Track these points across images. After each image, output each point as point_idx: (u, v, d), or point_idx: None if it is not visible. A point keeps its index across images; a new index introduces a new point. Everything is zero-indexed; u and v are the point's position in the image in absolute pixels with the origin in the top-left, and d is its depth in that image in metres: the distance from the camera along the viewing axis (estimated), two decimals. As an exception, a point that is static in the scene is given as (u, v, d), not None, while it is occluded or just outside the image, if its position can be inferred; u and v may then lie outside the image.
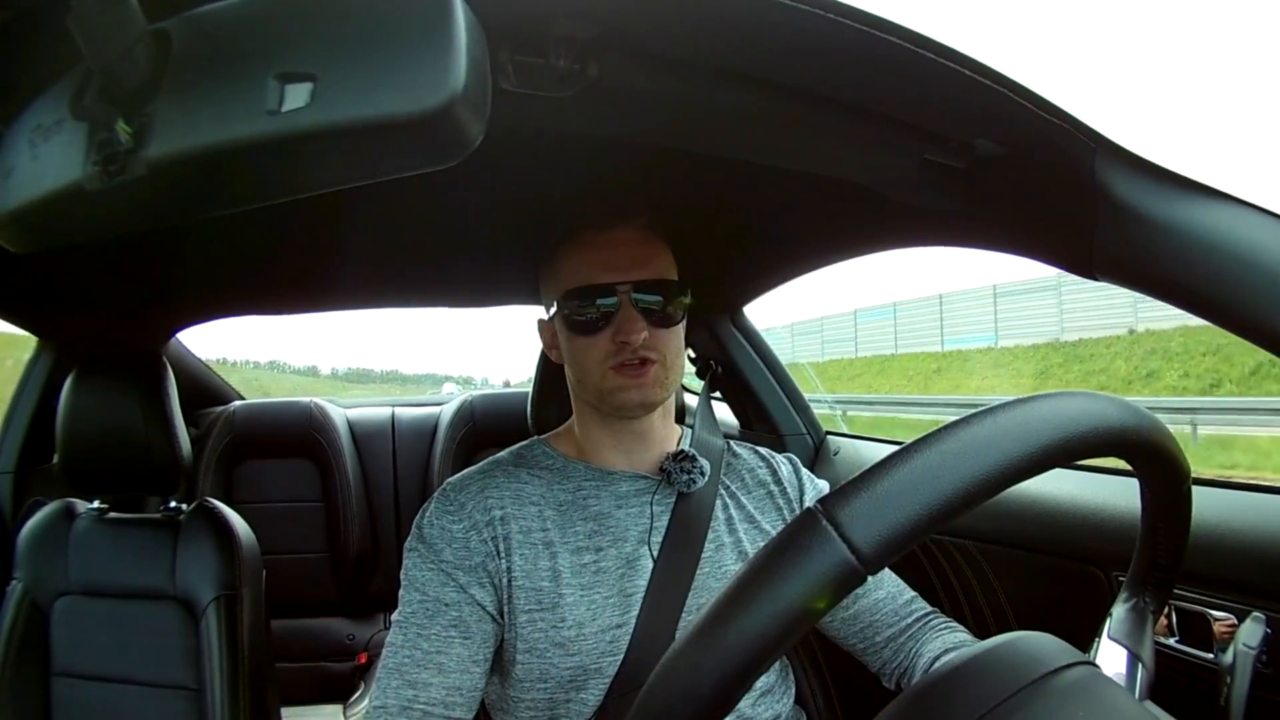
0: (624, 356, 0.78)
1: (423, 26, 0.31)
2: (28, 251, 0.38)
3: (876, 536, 0.33)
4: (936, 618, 0.85)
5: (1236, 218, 0.56)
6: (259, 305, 1.64)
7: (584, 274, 0.79)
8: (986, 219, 0.77)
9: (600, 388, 0.80)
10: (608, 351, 0.78)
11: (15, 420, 1.48)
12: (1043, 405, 0.39)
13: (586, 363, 0.80)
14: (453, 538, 0.77)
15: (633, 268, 0.79)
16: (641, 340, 0.77)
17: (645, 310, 0.78)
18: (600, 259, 0.79)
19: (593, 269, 0.79)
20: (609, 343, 0.78)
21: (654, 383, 0.79)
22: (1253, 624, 0.62)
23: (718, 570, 0.82)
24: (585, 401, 0.84)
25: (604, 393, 0.80)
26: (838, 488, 0.36)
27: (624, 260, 0.79)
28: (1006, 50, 0.52)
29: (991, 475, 0.35)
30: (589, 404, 0.84)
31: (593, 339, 0.79)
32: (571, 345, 0.81)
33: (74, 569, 1.13)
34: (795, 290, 1.38)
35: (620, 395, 0.79)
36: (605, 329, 0.78)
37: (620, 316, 0.78)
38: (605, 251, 0.79)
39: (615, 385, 0.79)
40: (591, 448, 0.85)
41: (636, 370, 0.78)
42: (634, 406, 0.79)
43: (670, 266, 0.83)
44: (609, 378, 0.79)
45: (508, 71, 0.52)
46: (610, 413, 0.82)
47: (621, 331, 0.77)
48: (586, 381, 0.81)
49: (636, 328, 0.77)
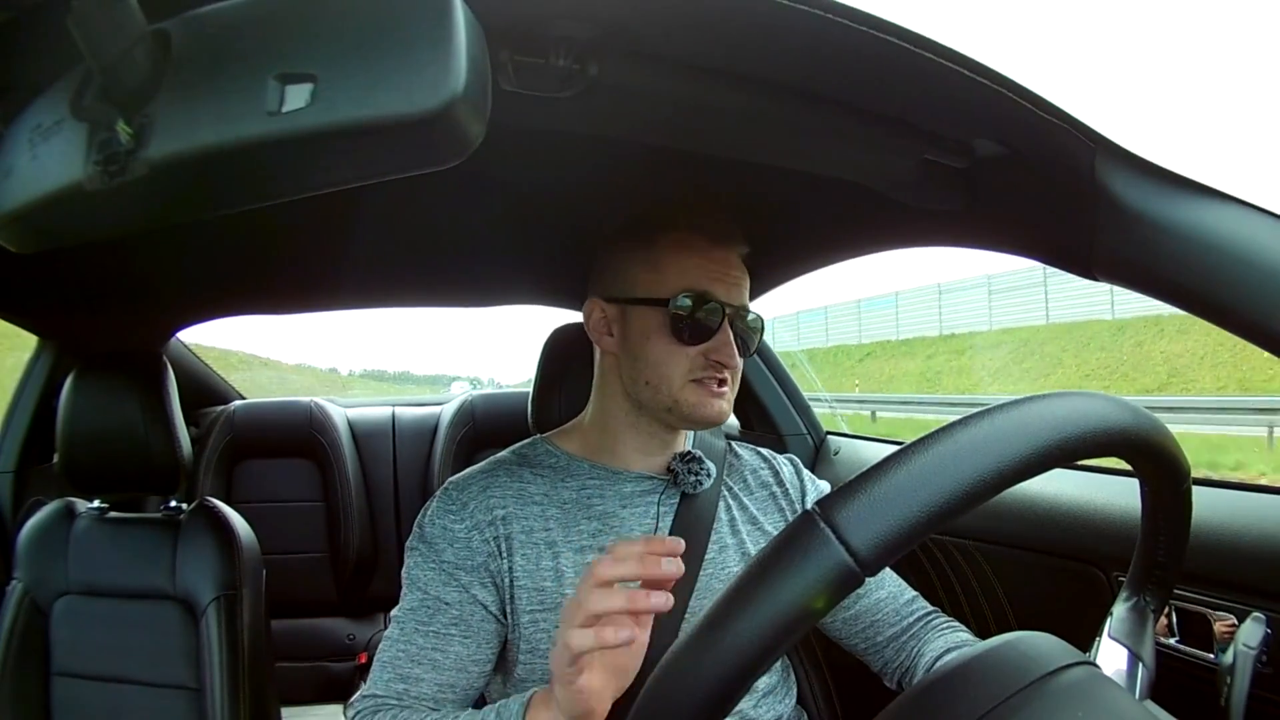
0: (710, 373, 0.78)
1: (423, 27, 0.31)
2: (28, 251, 0.38)
3: (874, 539, 0.33)
4: (938, 617, 0.85)
5: (1236, 218, 0.56)
6: (259, 305, 1.64)
7: (700, 281, 0.78)
8: (986, 219, 0.77)
9: (676, 398, 0.79)
10: (695, 365, 0.78)
11: (15, 420, 1.49)
12: (1041, 406, 0.38)
13: (668, 370, 0.79)
14: (454, 537, 0.77)
15: (738, 291, 0.80)
16: (735, 363, 0.79)
17: (738, 334, 0.80)
18: (717, 273, 0.79)
19: (710, 280, 0.79)
20: (701, 356, 0.78)
21: (727, 403, 0.80)
22: (1253, 624, 0.62)
23: (720, 572, 0.82)
24: (635, 401, 0.82)
25: (679, 403, 0.79)
26: (835, 490, 0.36)
27: (734, 280, 0.80)
28: (1006, 50, 0.52)
29: (989, 476, 0.35)
30: (639, 405, 0.82)
31: (686, 348, 0.78)
32: (656, 346, 0.79)
33: (74, 569, 1.13)
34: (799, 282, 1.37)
35: (699, 410, 0.78)
36: (701, 344, 0.78)
37: (720, 337, 0.78)
38: (721, 266, 0.80)
39: (695, 399, 0.78)
40: (607, 445, 0.84)
41: (718, 388, 0.79)
42: (713, 418, 0.80)
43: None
44: (689, 390, 0.78)
45: (508, 72, 0.52)
46: (674, 421, 0.81)
47: (720, 353, 0.78)
48: (660, 386, 0.79)
49: (733, 351, 0.78)
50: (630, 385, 0.81)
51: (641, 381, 0.80)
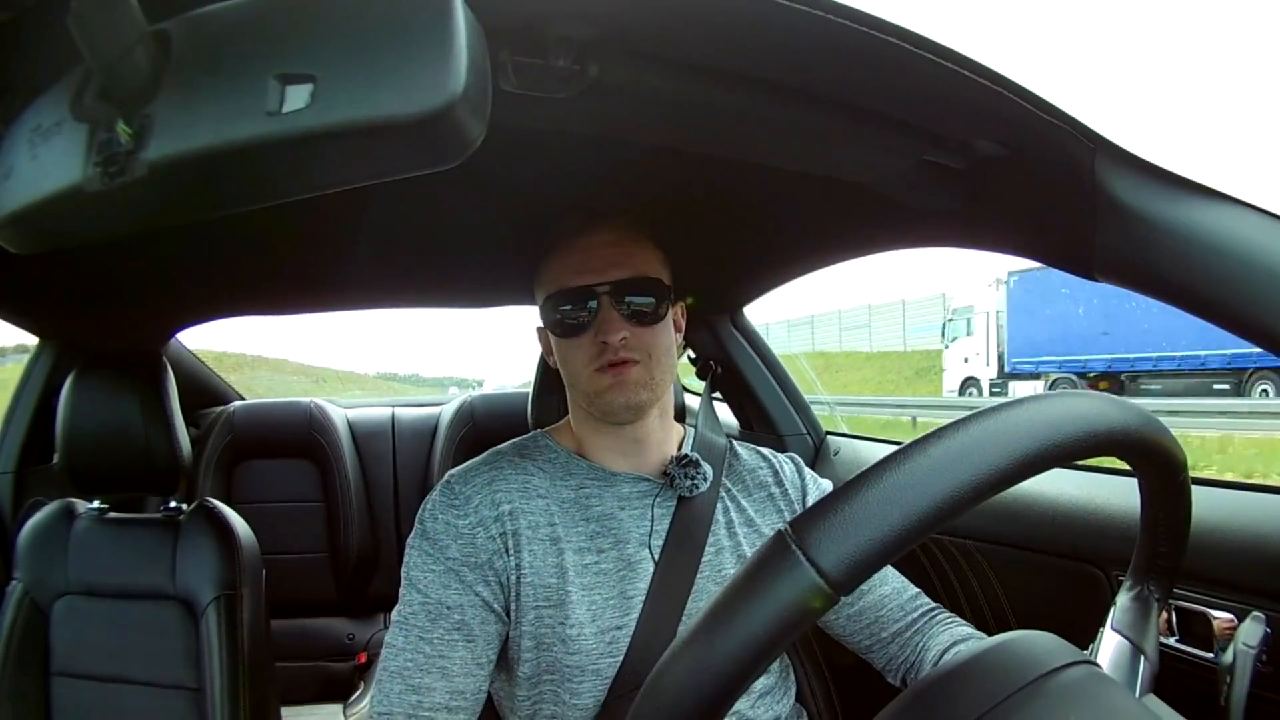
0: (606, 357, 0.78)
1: (423, 27, 0.31)
2: (28, 252, 0.38)
3: (845, 559, 0.34)
4: (941, 612, 0.85)
5: (1236, 218, 0.56)
6: (259, 305, 1.64)
7: (562, 278, 0.80)
8: (986, 219, 0.77)
9: (587, 390, 0.80)
10: (591, 354, 0.79)
11: (15, 420, 1.49)
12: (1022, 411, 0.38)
13: (574, 365, 0.81)
14: (459, 533, 0.76)
15: (610, 268, 0.79)
16: (621, 340, 0.77)
17: (625, 310, 0.79)
18: (577, 262, 0.80)
19: (570, 273, 0.80)
20: (591, 344, 0.79)
21: (636, 383, 0.79)
22: (1253, 624, 0.62)
23: (717, 574, 0.82)
24: (580, 406, 0.85)
25: (591, 395, 0.80)
26: (807, 509, 0.36)
27: (600, 261, 0.79)
28: (1006, 50, 0.52)
29: (964, 491, 0.35)
30: (583, 408, 0.84)
31: (576, 341, 0.80)
32: (558, 349, 0.82)
33: (74, 569, 1.13)
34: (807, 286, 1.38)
35: (606, 397, 0.79)
36: (587, 331, 0.79)
37: (600, 318, 0.78)
38: (581, 255, 0.80)
39: (600, 386, 0.79)
40: (591, 448, 0.85)
41: (618, 371, 0.78)
42: (620, 409, 0.79)
43: (653, 264, 0.83)
44: (594, 379, 0.79)
45: (508, 72, 0.52)
46: (601, 417, 0.82)
47: (601, 332, 0.78)
48: (576, 384, 0.82)
49: (615, 328, 0.77)
50: (570, 393, 0.85)
51: (570, 386, 0.84)
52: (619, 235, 0.82)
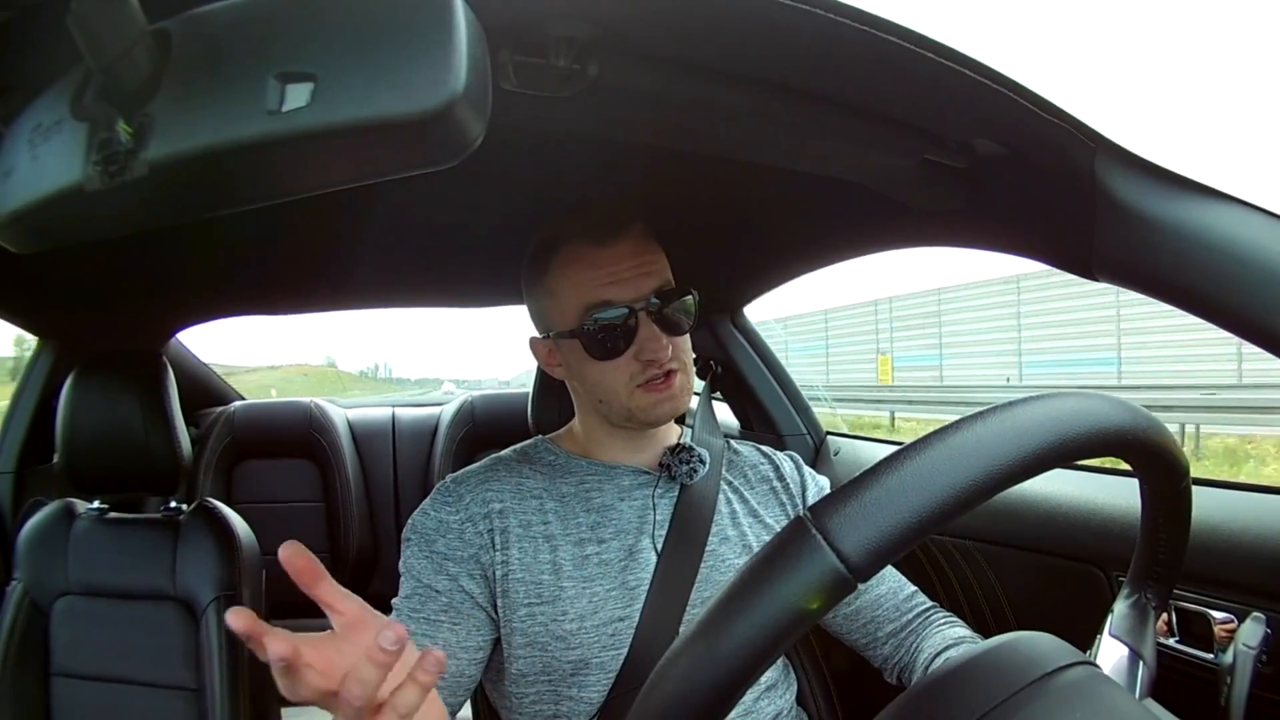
0: (650, 373, 0.76)
1: (423, 26, 0.31)
2: (28, 251, 0.38)
3: (866, 545, 0.34)
4: (937, 613, 0.85)
5: (1236, 218, 0.56)
6: (259, 305, 1.64)
7: (593, 293, 0.75)
8: (986, 219, 0.77)
9: (629, 407, 0.78)
10: (632, 372, 0.76)
11: (15, 420, 1.49)
12: (1035, 408, 0.38)
13: (611, 385, 0.77)
14: (447, 528, 0.77)
15: (642, 279, 0.76)
16: (668, 355, 0.76)
17: (664, 323, 0.77)
18: (607, 276, 0.75)
19: (604, 286, 0.75)
20: (633, 362, 0.76)
21: (680, 391, 0.78)
22: (1253, 624, 0.62)
23: (721, 564, 0.82)
24: (603, 415, 0.82)
25: (634, 411, 0.78)
26: (827, 495, 0.36)
27: (631, 272, 0.76)
28: (1006, 50, 0.52)
29: (982, 480, 0.35)
30: (607, 418, 0.82)
31: (615, 362, 0.76)
32: (590, 370, 0.78)
33: (74, 569, 1.13)
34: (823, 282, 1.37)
35: (654, 411, 0.77)
36: (627, 350, 0.76)
37: (642, 335, 0.75)
38: (610, 267, 0.76)
39: (646, 403, 0.77)
40: (595, 446, 0.85)
41: (664, 384, 0.77)
42: (664, 417, 0.79)
43: (668, 268, 0.81)
44: (637, 397, 0.77)
45: (508, 72, 0.52)
46: (639, 427, 0.81)
47: (646, 351, 0.75)
48: (612, 403, 0.78)
49: (662, 344, 0.75)
50: (591, 404, 0.82)
51: (596, 400, 0.80)
52: (642, 242, 0.79)
